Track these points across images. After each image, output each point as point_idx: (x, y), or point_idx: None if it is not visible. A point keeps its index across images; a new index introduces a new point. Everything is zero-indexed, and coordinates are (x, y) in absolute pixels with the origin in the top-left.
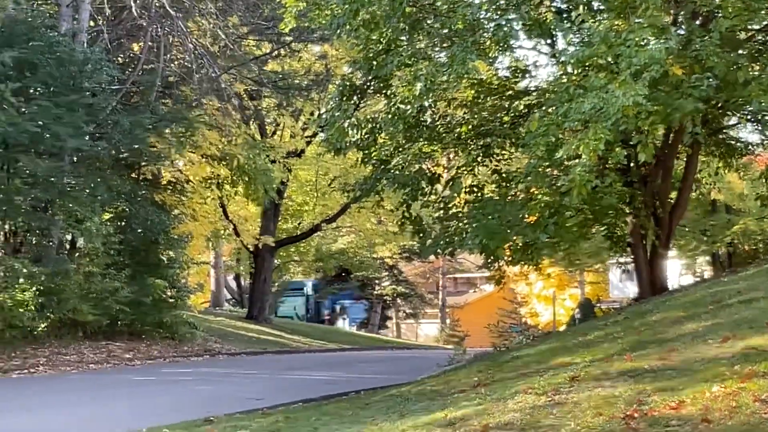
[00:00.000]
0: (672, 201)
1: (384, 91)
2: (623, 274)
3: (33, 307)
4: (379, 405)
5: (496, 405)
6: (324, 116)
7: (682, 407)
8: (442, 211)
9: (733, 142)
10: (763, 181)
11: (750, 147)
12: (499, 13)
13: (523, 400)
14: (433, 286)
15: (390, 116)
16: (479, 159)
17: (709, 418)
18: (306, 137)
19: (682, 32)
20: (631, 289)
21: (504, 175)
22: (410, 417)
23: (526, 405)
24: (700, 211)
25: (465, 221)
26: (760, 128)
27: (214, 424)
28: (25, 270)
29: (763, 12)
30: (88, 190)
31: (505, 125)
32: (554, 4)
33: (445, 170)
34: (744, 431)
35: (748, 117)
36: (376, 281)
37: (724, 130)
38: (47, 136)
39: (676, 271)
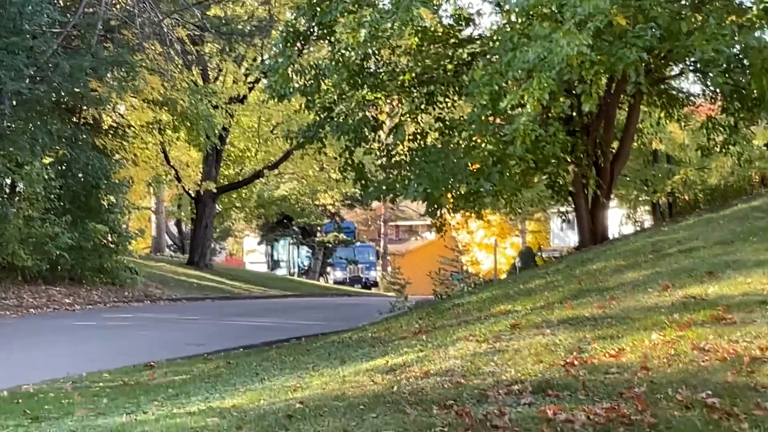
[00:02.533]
0: (614, 151)
1: (328, 38)
2: (564, 223)
3: None
4: (320, 351)
5: (437, 352)
6: (267, 62)
7: (622, 355)
8: (384, 159)
9: (674, 93)
10: (704, 131)
11: (691, 97)
12: None
13: (464, 347)
14: (374, 234)
15: (334, 63)
16: (422, 107)
17: (648, 365)
18: (248, 83)
19: None
20: (572, 238)
21: (447, 123)
22: (351, 363)
23: (467, 352)
24: (641, 161)
25: (408, 169)
26: (701, 78)
27: (154, 369)
28: None
29: None
30: (28, 134)
31: (448, 73)
32: None
33: (389, 117)
34: (682, 378)
35: (691, 67)
36: (317, 228)
37: (666, 81)
38: None
39: (616, 220)
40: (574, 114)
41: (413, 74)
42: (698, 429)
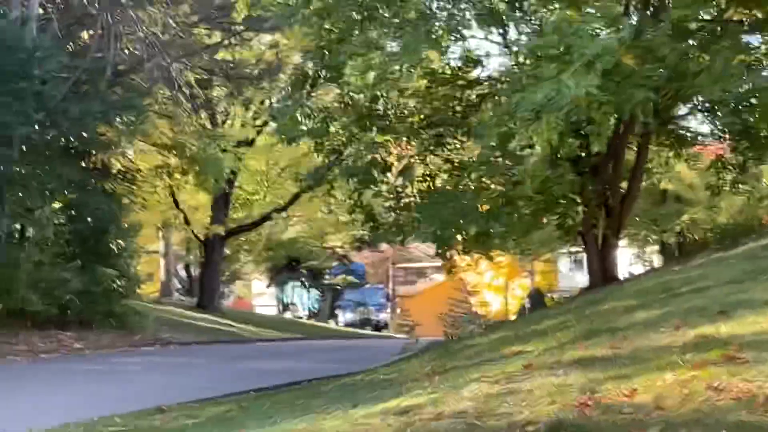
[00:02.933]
0: (623, 191)
1: (336, 81)
2: (573, 264)
3: None
4: (331, 394)
5: (450, 394)
6: (276, 106)
7: (635, 395)
8: (394, 201)
9: (683, 132)
10: (713, 170)
11: (699, 137)
12: (451, 2)
13: (477, 388)
14: (383, 276)
15: (342, 105)
16: (431, 148)
17: (661, 405)
18: (256, 126)
19: (634, 22)
20: (580, 279)
21: (456, 164)
22: (363, 406)
23: (480, 393)
24: (650, 201)
25: (417, 210)
26: (709, 118)
27: (166, 413)
28: None
29: (713, 1)
30: (37, 179)
31: (457, 115)
32: None
33: (397, 159)
34: (697, 418)
35: (698, 107)
36: (326, 271)
37: (675, 121)
38: None
39: (626, 260)
40: (583, 155)
41: (422, 116)
42: None
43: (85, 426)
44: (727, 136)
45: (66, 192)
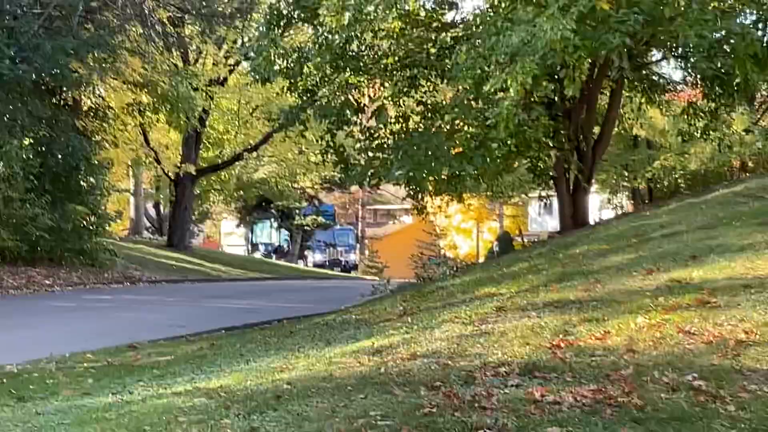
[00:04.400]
0: (595, 136)
1: (311, 21)
2: (542, 208)
3: None
4: (304, 333)
5: (423, 334)
6: (250, 45)
7: (608, 338)
8: (366, 142)
9: (656, 78)
10: (685, 117)
11: (672, 83)
12: None
13: (450, 329)
14: (353, 218)
15: (317, 46)
16: (405, 90)
17: (634, 348)
18: (229, 65)
19: None
20: (550, 223)
21: (430, 106)
22: (337, 345)
23: (453, 334)
24: (622, 147)
25: (391, 152)
26: (683, 64)
27: (138, 350)
28: None
29: None
30: (8, 115)
31: (431, 57)
32: None
33: (371, 101)
34: (668, 361)
35: (673, 53)
36: (296, 211)
37: (648, 66)
38: None
39: (596, 205)
40: (557, 98)
41: (396, 58)
42: (685, 411)
43: (57, 362)
44: (700, 82)
45: (37, 128)
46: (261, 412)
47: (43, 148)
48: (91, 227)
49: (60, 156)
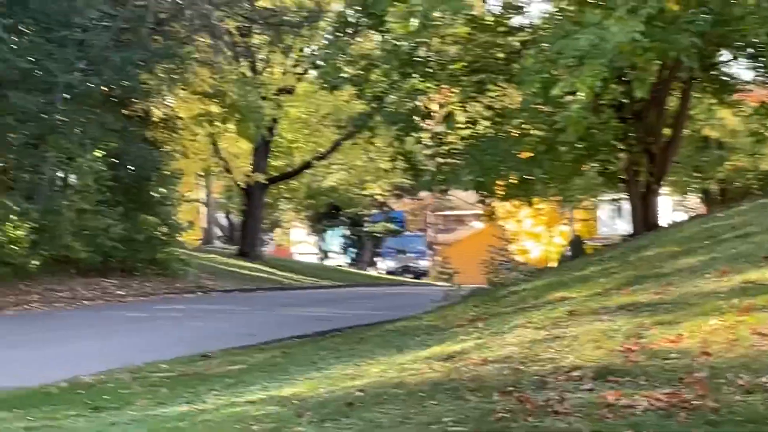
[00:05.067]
0: (665, 137)
1: (378, 28)
2: (612, 211)
3: (26, 244)
4: (375, 340)
5: (495, 339)
6: (317, 53)
7: (681, 340)
8: (435, 147)
9: (726, 78)
10: (756, 117)
11: (743, 83)
12: None
13: (522, 334)
14: (422, 224)
15: (384, 53)
16: (473, 95)
17: (708, 350)
18: (297, 74)
19: None
20: (621, 226)
21: (498, 111)
22: (409, 351)
23: (525, 339)
24: (692, 148)
25: (460, 158)
26: (753, 63)
27: (210, 359)
28: (17, 207)
29: None
30: (79, 127)
31: (499, 61)
32: None
33: (439, 106)
34: (743, 363)
35: (743, 52)
36: (366, 218)
37: (718, 66)
38: (39, 72)
39: (667, 207)
40: (626, 101)
41: (463, 63)
42: (760, 413)
43: (130, 371)
44: None
45: (108, 140)
46: (333, 419)
47: (115, 160)
48: (163, 237)
49: (131, 167)
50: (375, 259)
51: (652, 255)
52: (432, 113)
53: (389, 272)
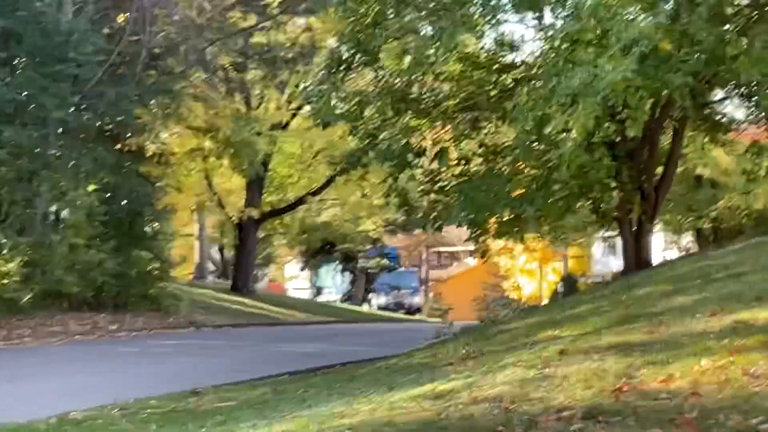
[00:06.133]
0: (658, 176)
1: (371, 65)
2: (606, 249)
3: (17, 278)
4: (366, 377)
5: (485, 378)
6: (311, 89)
7: (672, 381)
8: (428, 184)
9: (719, 117)
10: (749, 156)
11: (736, 122)
12: None
13: (512, 373)
14: (416, 260)
15: (377, 90)
16: (466, 132)
17: (698, 391)
18: (291, 110)
19: (671, 6)
20: (614, 263)
21: (491, 148)
22: (399, 389)
23: (515, 378)
24: (685, 186)
25: (452, 195)
26: (746, 103)
27: (201, 395)
28: (9, 241)
29: None
30: (72, 162)
31: (492, 99)
32: None
33: (432, 143)
34: (733, 404)
35: (736, 91)
36: (360, 254)
37: (711, 105)
38: (32, 106)
39: (660, 246)
40: (619, 139)
41: (457, 100)
42: None
43: (121, 408)
44: (764, 120)
45: (101, 175)
46: None
47: (108, 195)
48: (155, 272)
49: (124, 202)
50: (368, 294)
51: (644, 294)
52: (425, 150)
53: (382, 308)
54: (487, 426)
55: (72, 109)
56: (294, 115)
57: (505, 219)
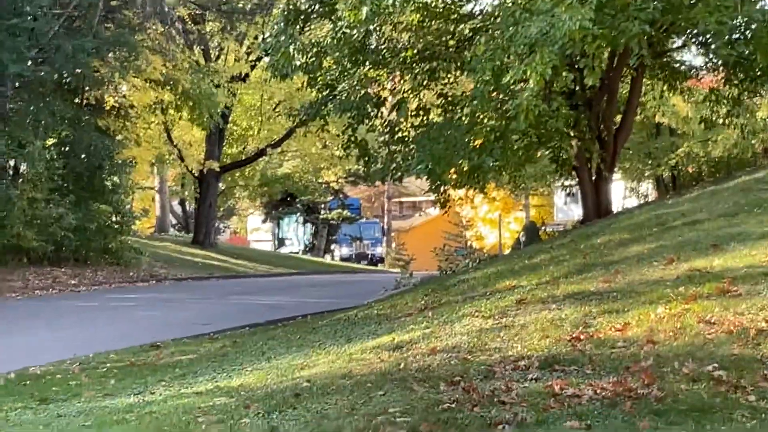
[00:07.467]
0: (617, 124)
1: (329, 16)
2: (568, 197)
3: None
4: (326, 329)
5: (443, 328)
6: (268, 41)
7: (628, 329)
8: (387, 135)
9: (677, 65)
10: (707, 103)
11: (694, 70)
12: None
13: (470, 323)
14: (378, 210)
15: (335, 41)
16: (425, 83)
17: (654, 339)
18: (250, 62)
19: None
20: (576, 212)
21: (450, 99)
22: (358, 341)
23: (473, 328)
24: (644, 135)
25: (411, 146)
26: (704, 50)
27: (161, 349)
28: None
29: None
30: (30, 116)
31: (450, 49)
32: None
33: (391, 94)
34: (689, 352)
35: (693, 40)
36: (322, 206)
37: (669, 54)
38: None
39: (620, 194)
40: (577, 88)
41: (415, 50)
42: (705, 401)
43: (80, 363)
44: (722, 68)
45: (59, 128)
46: (280, 410)
47: (67, 148)
48: (115, 226)
49: (83, 155)
50: (331, 246)
51: (602, 243)
52: (384, 101)
53: (345, 259)
54: (445, 376)
55: (29, 62)
56: (253, 67)
57: (464, 169)
